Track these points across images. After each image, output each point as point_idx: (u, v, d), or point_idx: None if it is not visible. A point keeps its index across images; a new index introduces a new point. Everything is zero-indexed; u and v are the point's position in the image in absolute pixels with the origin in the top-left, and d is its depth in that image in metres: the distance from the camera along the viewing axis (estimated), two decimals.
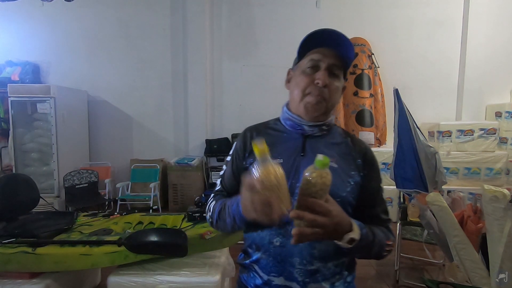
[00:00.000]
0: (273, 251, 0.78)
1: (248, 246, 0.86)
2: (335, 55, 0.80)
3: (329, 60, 0.79)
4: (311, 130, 0.84)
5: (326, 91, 0.80)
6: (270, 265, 0.79)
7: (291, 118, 0.86)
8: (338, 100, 0.86)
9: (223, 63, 4.68)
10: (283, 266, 0.77)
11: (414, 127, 2.29)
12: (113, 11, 4.61)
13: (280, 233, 0.77)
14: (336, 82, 0.82)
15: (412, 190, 2.32)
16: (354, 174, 0.82)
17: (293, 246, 0.75)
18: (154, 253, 1.81)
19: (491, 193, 1.38)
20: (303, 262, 0.76)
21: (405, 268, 2.69)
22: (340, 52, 0.80)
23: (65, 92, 4.04)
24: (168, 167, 4.29)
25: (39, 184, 2.64)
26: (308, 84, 0.81)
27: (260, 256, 0.81)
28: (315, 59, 0.80)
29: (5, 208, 1.99)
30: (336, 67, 0.81)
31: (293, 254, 0.76)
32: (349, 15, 4.55)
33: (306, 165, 0.79)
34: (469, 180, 3.82)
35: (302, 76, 0.82)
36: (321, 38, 0.79)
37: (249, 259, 0.85)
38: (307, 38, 0.79)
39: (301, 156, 0.82)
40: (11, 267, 1.70)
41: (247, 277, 0.86)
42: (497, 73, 4.45)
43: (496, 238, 1.39)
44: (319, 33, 0.78)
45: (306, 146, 0.83)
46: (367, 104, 4.22)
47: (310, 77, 0.81)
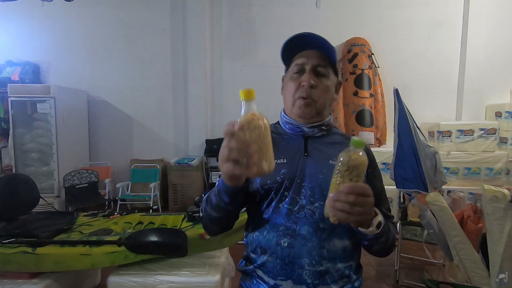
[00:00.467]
0: (280, 252, 0.76)
1: (252, 251, 0.84)
2: (318, 56, 0.82)
3: (313, 61, 0.81)
4: (311, 131, 0.85)
5: (314, 92, 0.81)
6: (277, 268, 0.77)
7: (289, 121, 0.87)
8: (331, 98, 0.86)
9: (223, 63, 4.68)
10: (291, 268, 0.76)
11: (414, 127, 2.29)
12: (113, 11, 4.61)
13: (287, 234, 0.76)
14: (325, 81, 0.83)
15: (412, 190, 2.32)
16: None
17: (302, 246, 0.75)
18: (154, 253, 1.81)
19: (491, 193, 1.39)
20: (312, 262, 0.75)
21: (405, 268, 2.69)
22: (323, 51, 0.82)
23: (65, 92, 4.04)
24: (168, 167, 4.29)
25: (39, 184, 2.64)
26: (296, 88, 0.83)
27: (266, 259, 0.79)
28: (300, 63, 0.83)
29: (5, 208, 1.99)
30: (321, 66, 0.82)
31: (302, 254, 0.75)
32: (349, 15, 4.55)
33: (310, 165, 0.81)
34: (469, 180, 3.82)
35: (290, 82, 0.84)
36: (300, 43, 0.82)
37: (252, 264, 0.83)
38: (285, 46, 0.82)
39: (305, 156, 0.82)
40: (11, 267, 1.70)
41: (250, 284, 0.83)
42: (497, 73, 4.45)
43: (496, 238, 1.39)
44: (297, 38, 0.81)
45: (308, 146, 0.84)
46: (367, 104, 4.22)
47: (297, 81, 0.82)
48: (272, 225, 0.78)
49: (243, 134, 0.53)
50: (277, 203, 0.79)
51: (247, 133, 0.53)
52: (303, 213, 0.77)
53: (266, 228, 0.79)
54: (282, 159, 0.81)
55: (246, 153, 0.54)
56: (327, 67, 0.83)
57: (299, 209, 0.77)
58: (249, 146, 0.54)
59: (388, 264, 2.72)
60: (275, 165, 0.63)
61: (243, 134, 0.53)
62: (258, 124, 0.54)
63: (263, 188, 0.81)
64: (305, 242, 0.75)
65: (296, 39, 0.81)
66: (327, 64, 0.83)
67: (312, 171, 0.80)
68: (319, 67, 0.82)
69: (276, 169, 0.77)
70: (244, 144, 0.54)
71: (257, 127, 0.54)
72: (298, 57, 0.83)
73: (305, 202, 0.77)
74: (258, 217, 0.82)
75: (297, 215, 0.77)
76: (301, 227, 0.76)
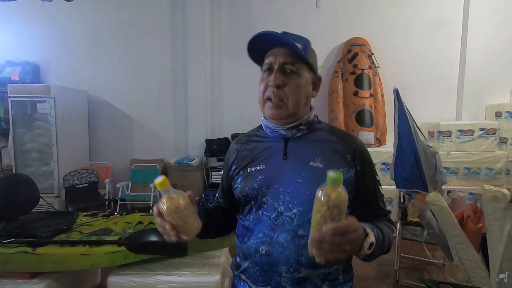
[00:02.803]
0: (259, 260, 0.76)
1: (237, 255, 0.85)
2: (285, 53, 0.77)
3: (280, 59, 0.77)
4: (290, 132, 0.82)
5: (282, 91, 0.77)
6: (257, 274, 0.78)
7: (268, 125, 0.85)
8: (306, 96, 0.81)
9: (223, 63, 4.68)
10: (270, 275, 0.76)
11: (414, 127, 2.29)
12: (113, 11, 4.61)
13: (266, 241, 0.76)
14: (295, 79, 0.78)
15: (412, 190, 2.31)
16: (343, 171, 0.77)
17: (279, 254, 0.74)
18: (154, 253, 1.81)
19: (491, 193, 1.38)
20: (290, 270, 0.74)
21: (405, 268, 2.69)
22: (287, 46, 0.77)
23: (65, 92, 4.04)
24: (168, 167, 4.29)
25: (39, 184, 2.63)
26: (264, 89, 0.80)
27: (248, 265, 0.80)
28: (267, 63, 0.79)
29: (5, 208, 1.99)
30: (289, 64, 0.77)
31: (279, 262, 0.74)
32: (349, 15, 4.55)
33: (289, 169, 0.78)
34: (469, 180, 3.82)
35: (260, 83, 0.82)
36: (263, 42, 0.78)
37: (238, 269, 0.84)
38: (249, 47, 0.79)
39: (284, 160, 0.80)
40: (11, 267, 1.70)
41: (238, 285, 0.85)
42: (497, 73, 4.45)
43: (496, 238, 1.39)
44: (256, 38, 0.77)
45: (288, 149, 0.81)
46: (367, 104, 4.22)
47: (265, 82, 0.79)
48: (252, 232, 0.79)
49: (160, 218, 0.68)
50: (256, 210, 0.79)
51: (165, 214, 0.66)
52: (281, 220, 0.75)
53: (247, 235, 0.80)
54: (261, 165, 0.80)
55: (164, 229, 0.67)
56: (296, 64, 0.78)
57: (277, 216, 0.76)
58: (165, 227, 0.66)
59: (388, 264, 2.72)
60: (254, 172, 0.80)
61: (160, 218, 0.68)
62: (173, 206, 0.66)
63: (242, 195, 0.81)
64: (283, 250, 0.74)
65: (261, 37, 0.76)
66: (296, 61, 0.78)
67: (290, 175, 0.77)
68: (287, 65, 0.77)
69: (254, 176, 0.80)
70: (161, 226, 0.67)
71: (172, 210, 0.66)
72: (268, 56, 0.80)
73: (283, 208, 0.75)
74: (241, 223, 0.84)
75: (275, 222, 0.76)
76: (279, 234, 0.75)
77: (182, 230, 0.67)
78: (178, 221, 0.67)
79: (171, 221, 0.66)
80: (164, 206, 0.66)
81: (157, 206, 0.67)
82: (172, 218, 0.66)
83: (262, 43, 0.79)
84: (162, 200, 0.67)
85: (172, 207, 0.66)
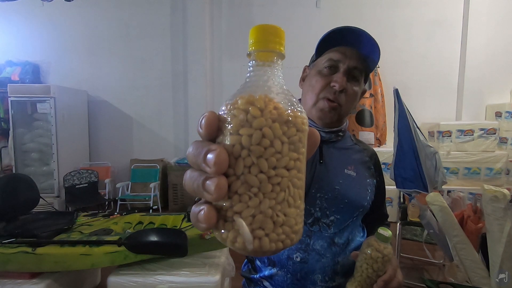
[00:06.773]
0: (292, 267, 0.72)
1: (258, 259, 0.79)
2: (357, 56, 0.71)
3: (350, 62, 0.71)
4: (328, 136, 0.77)
5: (342, 96, 0.71)
6: (287, 282, 0.72)
7: None
8: (354, 106, 0.77)
9: (223, 63, 4.68)
10: (303, 283, 0.72)
11: (414, 127, 2.28)
12: (113, 11, 4.61)
13: (300, 248, 0.71)
14: (355, 87, 0.73)
15: (412, 190, 2.31)
16: (370, 182, 0.78)
17: (316, 261, 0.71)
18: (154, 253, 1.81)
19: (491, 193, 1.38)
20: (325, 278, 0.71)
21: (405, 268, 2.69)
22: (363, 53, 0.71)
23: (65, 92, 4.04)
24: (168, 167, 4.29)
25: (39, 184, 2.63)
26: (323, 87, 0.72)
27: (275, 272, 0.74)
28: (334, 59, 0.71)
29: (5, 208, 1.99)
30: (357, 69, 0.72)
31: (315, 270, 0.71)
32: (349, 15, 4.54)
33: (326, 174, 0.74)
34: (469, 180, 3.82)
35: (317, 77, 0.73)
36: (341, 36, 0.71)
37: (257, 273, 0.78)
38: (327, 34, 0.71)
39: (320, 164, 0.75)
40: (11, 267, 1.70)
41: None
42: (497, 73, 4.45)
43: (496, 238, 1.39)
44: (340, 31, 0.70)
45: (324, 152, 0.77)
46: (367, 104, 4.22)
47: (326, 79, 0.72)
48: None
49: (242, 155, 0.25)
50: None
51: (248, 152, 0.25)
52: (317, 227, 0.72)
53: None
54: None
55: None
56: (362, 72, 0.73)
57: (313, 222, 0.72)
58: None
59: None
60: None
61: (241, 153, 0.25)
62: (282, 129, 0.25)
63: None
64: (319, 257, 0.71)
65: (340, 31, 0.70)
66: (363, 69, 0.73)
67: (328, 181, 0.74)
68: (356, 70, 0.71)
69: None
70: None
71: (278, 134, 0.25)
72: (334, 50, 0.72)
73: (320, 214, 0.72)
74: None
75: (311, 228, 0.72)
76: (315, 241, 0.71)
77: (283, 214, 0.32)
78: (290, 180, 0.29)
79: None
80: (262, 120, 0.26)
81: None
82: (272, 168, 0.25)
83: (337, 37, 0.71)
84: (253, 97, 0.27)
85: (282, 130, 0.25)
